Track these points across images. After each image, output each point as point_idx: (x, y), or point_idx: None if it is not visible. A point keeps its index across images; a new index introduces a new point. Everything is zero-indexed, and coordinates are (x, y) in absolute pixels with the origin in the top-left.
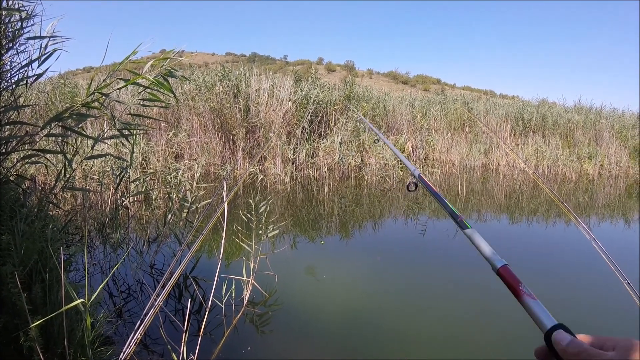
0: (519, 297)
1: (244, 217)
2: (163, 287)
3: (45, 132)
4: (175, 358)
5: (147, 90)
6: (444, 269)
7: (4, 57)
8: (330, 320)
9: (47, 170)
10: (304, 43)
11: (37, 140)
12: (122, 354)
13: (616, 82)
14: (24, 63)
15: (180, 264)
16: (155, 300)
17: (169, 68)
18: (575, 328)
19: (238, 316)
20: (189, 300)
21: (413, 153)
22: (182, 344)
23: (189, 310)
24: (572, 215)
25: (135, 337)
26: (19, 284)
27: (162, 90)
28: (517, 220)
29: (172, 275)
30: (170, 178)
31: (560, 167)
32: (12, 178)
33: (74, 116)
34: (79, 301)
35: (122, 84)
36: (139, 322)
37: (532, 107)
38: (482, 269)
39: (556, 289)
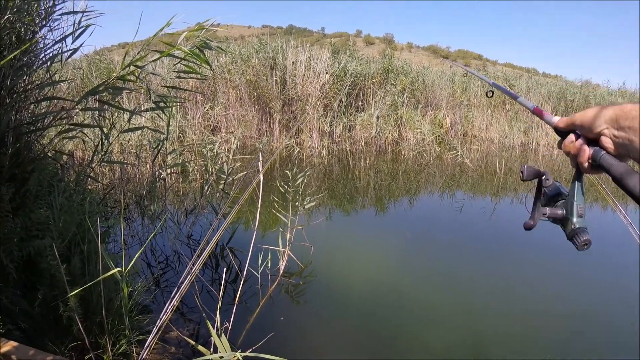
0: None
1: (280, 189)
2: (199, 256)
3: (81, 106)
4: (210, 326)
5: (183, 62)
6: (479, 249)
7: (37, 35)
8: (363, 293)
9: (85, 145)
10: (342, 15)
11: (74, 115)
12: (158, 320)
13: None
14: (57, 39)
15: (216, 233)
16: (192, 268)
17: (204, 39)
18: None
19: (273, 286)
20: (225, 270)
21: (452, 129)
22: (217, 312)
23: (225, 280)
24: (610, 199)
25: (172, 304)
26: (58, 257)
27: (197, 62)
28: None
29: (208, 244)
30: (207, 151)
31: None
32: (49, 154)
33: (110, 90)
34: (115, 270)
35: (157, 56)
36: (175, 289)
37: (576, 87)
38: (520, 254)
39: (590, 270)
